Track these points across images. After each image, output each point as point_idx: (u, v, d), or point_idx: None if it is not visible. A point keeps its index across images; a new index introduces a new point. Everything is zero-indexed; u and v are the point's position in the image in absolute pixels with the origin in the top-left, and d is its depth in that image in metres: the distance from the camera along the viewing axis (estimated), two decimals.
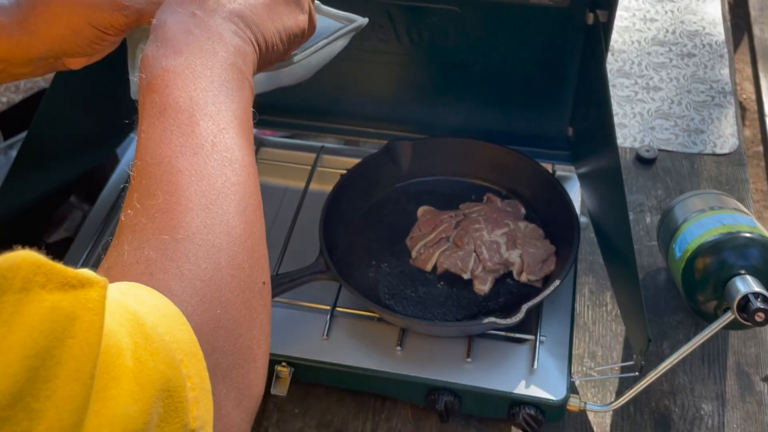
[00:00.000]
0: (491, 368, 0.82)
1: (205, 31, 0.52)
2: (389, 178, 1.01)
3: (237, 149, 0.48)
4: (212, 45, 0.51)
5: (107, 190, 1.05)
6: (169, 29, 0.51)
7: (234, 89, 0.51)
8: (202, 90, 0.49)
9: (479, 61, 0.98)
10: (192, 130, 0.47)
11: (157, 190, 0.44)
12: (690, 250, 0.88)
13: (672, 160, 1.13)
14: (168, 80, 0.48)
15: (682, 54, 1.30)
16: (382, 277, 0.91)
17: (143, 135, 0.47)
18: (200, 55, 0.50)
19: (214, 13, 0.53)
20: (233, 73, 0.51)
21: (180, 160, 0.45)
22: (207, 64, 0.50)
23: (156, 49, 0.51)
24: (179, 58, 0.50)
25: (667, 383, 0.88)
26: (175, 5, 0.54)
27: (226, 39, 0.52)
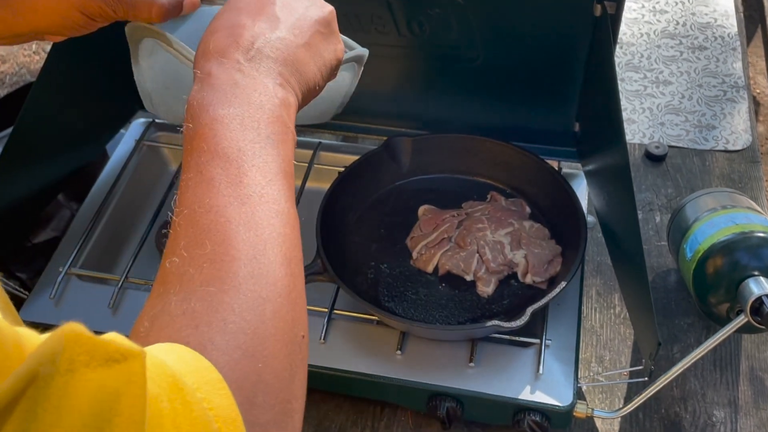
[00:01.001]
0: (495, 373, 0.82)
1: (251, 83, 0.54)
2: (389, 176, 1.01)
3: (283, 200, 0.50)
4: (259, 97, 0.54)
5: (96, 189, 1.05)
6: (216, 79, 0.54)
7: (279, 141, 0.53)
8: (250, 141, 0.51)
9: (482, 54, 0.98)
10: (240, 180, 0.49)
11: (206, 239, 0.46)
12: (701, 250, 0.88)
13: (682, 156, 1.13)
14: (217, 130, 0.51)
15: (693, 47, 1.30)
16: (382, 279, 0.91)
17: (190, 182, 0.49)
18: (248, 107, 0.53)
19: (258, 64, 0.56)
20: (278, 125, 0.54)
21: (229, 210, 0.48)
22: (254, 117, 0.52)
23: (203, 98, 0.53)
24: (228, 109, 0.52)
25: (677, 389, 0.88)
26: (217, 54, 0.55)
27: (271, 91, 0.55)
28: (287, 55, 0.58)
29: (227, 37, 0.56)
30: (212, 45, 0.56)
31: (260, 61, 0.56)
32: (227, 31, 0.57)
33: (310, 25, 0.60)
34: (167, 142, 1.12)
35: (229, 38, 0.56)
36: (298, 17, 0.60)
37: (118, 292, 0.91)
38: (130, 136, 1.12)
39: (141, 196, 1.09)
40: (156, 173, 1.12)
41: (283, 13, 0.59)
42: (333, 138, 1.15)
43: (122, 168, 1.07)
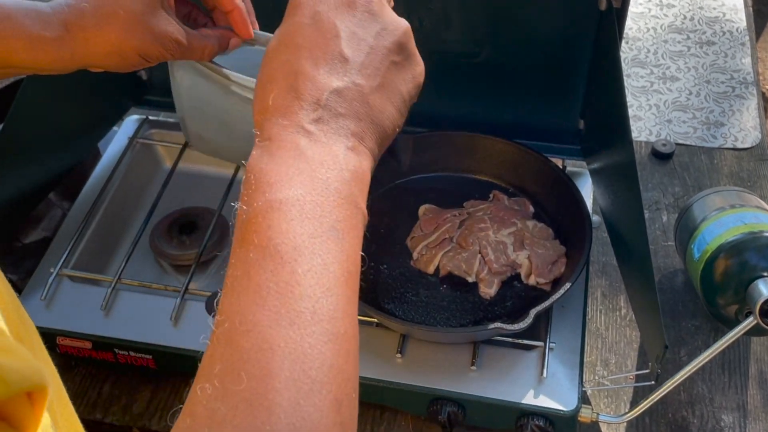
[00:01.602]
0: (497, 377, 0.82)
1: (317, 153, 0.47)
2: (389, 175, 1.01)
3: (340, 318, 0.43)
4: (325, 172, 0.47)
5: (88, 187, 1.05)
6: (277, 146, 0.48)
7: (345, 231, 0.46)
8: (309, 236, 0.44)
9: (485, 49, 0.98)
10: (292, 290, 0.43)
11: (242, 370, 0.40)
12: (709, 250, 0.88)
13: (690, 154, 1.13)
14: (272, 220, 0.44)
15: (701, 42, 1.30)
16: (381, 280, 0.91)
17: (236, 285, 0.43)
18: (311, 187, 0.46)
19: (326, 125, 0.49)
20: (346, 209, 0.47)
21: (274, 332, 0.41)
22: (318, 201, 0.46)
23: (262, 172, 0.47)
24: (287, 191, 0.45)
25: (684, 393, 0.88)
26: (278, 113, 0.49)
27: (342, 161, 0.48)
28: (360, 107, 0.50)
29: (288, 91, 0.50)
30: (272, 100, 0.50)
31: (328, 121, 0.49)
32: (287, 83, 0.50)
33: (383, 57, 0.53)
34: (161, 140, 1.12)
35: (290, 93, 0.49)
36: (369, 51, 0.52)
37: (110, 294, 0.91)
38: (123, 134, 1.12)
39: (134, 195, 1.09)
40: (150, 171, 1.12)
41: (350, 49, 0.51)
42: None
43: (115, 166, 1.07)
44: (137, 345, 0.87)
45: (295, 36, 0.51)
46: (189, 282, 0.92)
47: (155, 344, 0.87)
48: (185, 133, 0.87)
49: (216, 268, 1.01)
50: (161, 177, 1.08)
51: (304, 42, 0.51)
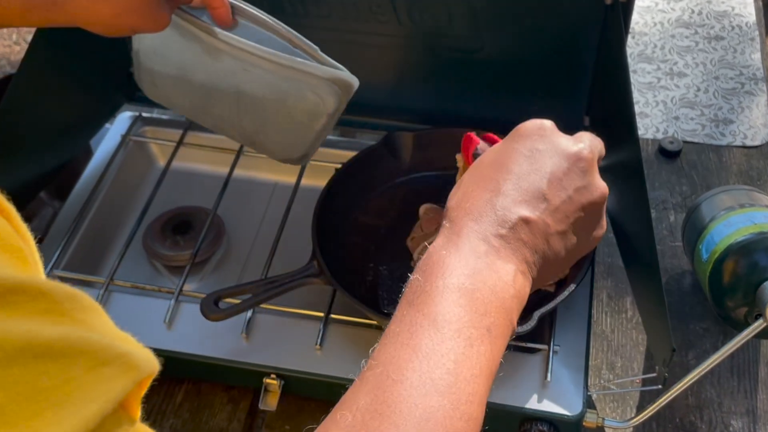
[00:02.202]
0: (500, 381, 0.81)
1: (494, 262, 0.55)
2: (388, 173, 1.01)
3: (477, 404, 0.50)
4: (496, 282, 0.54)
5: (80, 186, 1.05)
6: (463, 242, 0.55)
7: (497, 335, 0.53)
8: (470, 327, 0.51)
9: (487, 44, 0.98)
10: (444, 364, 0.49)
11: (384, 412, 0.46)
12: (718, 251, 0.88)
13: (698, 152, 1.13)
14: (442, 300, 0.51)
15: (710, 37, 1.30)
16: (381, 282, 0.91)
17: (397, 338, 0.50)
18: (482, 287, 0.53)
19: (507, 244, 0.56)
20: (503, 317, 0.54)
21: (419, 393, 0.47)
22: (484, 300, 0.53)
23: (443, 258, 0.54)
24: (463, 281, 0.52)
25: (692, 397, 0.88)
26: (470, 216, 0.57)
27: (511, 278, 0.55)
28: (540, 242, 0.58)
29: (487, 202, 0.57)
30: (470, 203, 0.57)
31: (510, 241, 0.56)
32: (488, 196, 0.57)
33: (576, 210, 0.60)
34: (155, 137, 1.12)
35: (488, 205, 0.57)
36: (566, 200, 0.59)
37: (103, 295, 0.91)
38: (116, 131, 1.12)
39: (127, 194, 1.09)
40: (143, 170, 1.12)
41: (551, 192, 0.59)
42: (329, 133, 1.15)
43: (107, 164, 1.07)
44: None
45: (511, 161, 0.59)
46: (183, 283, 0.92)
47: (148, 347, 0.87)
48: (136, 74, 0.87)
49: (211, 269, 1.01)
50: (155, 175, 1.08)
51: (515, 169, 0.59)
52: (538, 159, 0.59)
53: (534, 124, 0.63)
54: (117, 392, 0.35)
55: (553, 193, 0.59)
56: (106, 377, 0.35)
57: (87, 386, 0.34)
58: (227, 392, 0.90)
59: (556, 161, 0.60)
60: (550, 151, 0.60)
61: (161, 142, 1.11)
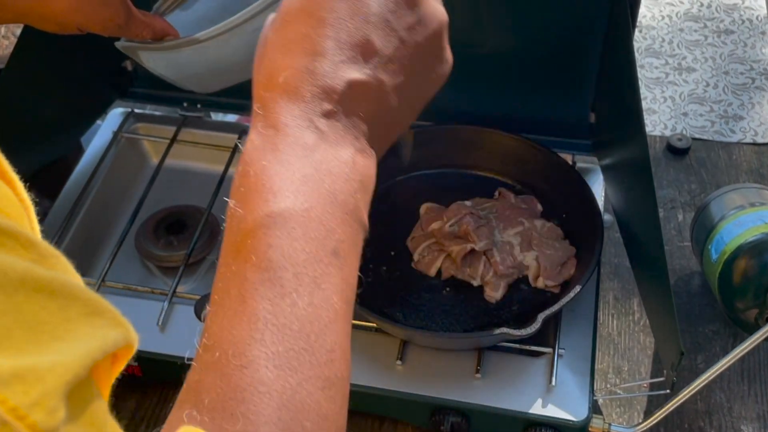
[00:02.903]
0: (503, 385, 0.82)
1: (327, 157, 0.45)
2: (388, 171, 1.01)
3: (337, 360, 0.43)
4: (332, 183, 0.45)
5: (70, 184, 1.05)
6: (282, 139, 0.45)
7: (347, 253, 0.45)
8: (311, 262, 0.43)
9: (490, 39, 0.98)
10: (291, 326, 0.41)
11: (237, 411, 0.40)
12: (728, 251, 0.88)
13: (707, 150, 1.13)
14: (273, 237, 0.42)
15: (719, 30, 1.30)
16: (381, 283, 0.91)
17: (226, 307, 0.43)
18: (316, 199, 0.44)
19: (339, 122, 0.46)
20: (350, 225, 0.45)
21: (270, 375, 0.40)
22: (323, 218, 0.44)
23: (264, 173, 0.44)
24: (291, 201, 0.43)
25: (701, 402, 0.88)
26: (286, 94, 0.46)
27: (349, 169, 0.46)
28: (376, 107, 0.48)
29: (303, 72, 0.46)
30: (283, 78, 0.46)
31: (342, 118, 0.46)
32: (304, 63, 0.46)
33: (411, 54, 0.49)
34: (147, 134, 1.12)
35: (306, 75, 0.46)
36: (397, 46, 0.48)
37: None
38: (108, 128, 1.12)
39: (119, 193, 1.09)
40: (135, 168, 1.12)
41: (379, 38, 0.47)
42: None
43: (99, 162, 1.06)
44: None
45: (322, 7, 0.47)
46: (177, 285, 0.92)
47: (141, 350, 0.86)
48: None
49: (205, 270, 1.01)
50: (147, 174, 1.08)
51: (329, 17, 0.46)
52: (345, 6, 0.47)
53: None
54: (110, 342, 0.35)
55: (382, 40, 0.47)
56: (100, 325, 0.35)
57: (84, 328, 0.34)
58: None
59: (384, 3, 0.48)
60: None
61: (154, 139, 1.11)
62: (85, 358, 0.33)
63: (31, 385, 0.30)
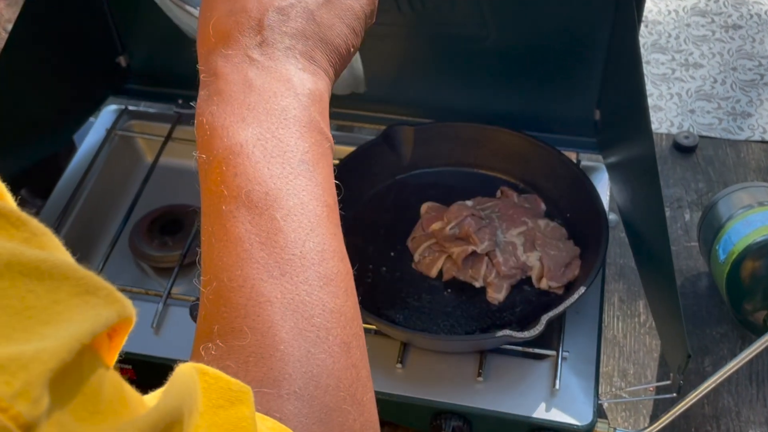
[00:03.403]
0: (506, 389, 0.82)
1: (268, 81, 0.48)
2: (388, 170, 1.01)
3: (330, 258, 0.46)
4: (280, 101, 0.47)
5: (63, 183, 1.05)
6: (224, 82, 0.48)
7: (315, 161, 0.47)
8: (279, 177, 0.45)
9: (492, 33, 0.98)
10: (275, 239, 0.44)
11: (243, 325, 0.42)
12: (736, 252, 0.88)
13: (715, 147, 1.13)
14: (236, 166, 0.45)
15: (727, 25, 1.29)
16: (380, 284, 0.91)
17: (214, 240, 0.45)
18: (268, 121, 0.46)
19: (272, 49, 0.49)
20: (311, 136, 0.47)
21: (266, 285, 0.43)
22: (279, 135, 0.46)
23: (213, 115, 0.47)
24: (245, 130, 0.46)
25: (709, 406, 0.88)
26: (220, 43, 0.49)
27: (296, 84, 0.48)
28: (306, 25, 0.50)
29: (228, 15, 0.49)
30: (212, 28, 0.50)
31: (274, 43, 0.49)
32: (227, 6, 0.50)
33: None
34: (142, 132, 1.12)
35: (231, 17, 0.49)
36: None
37: None
38: (101, 125, 1.12)
39: (112, 192, 1.08)
40: (129, 166, 1.12)
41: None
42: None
43: (92, 160, 1.06)
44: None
45: None
46: (171, 286, 0.92)
47: (135, 354, 0.87)
48: None
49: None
50: (142, 172, 1.08)
51: None
52: None
53: None
54: (102, 321, 0.35)
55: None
56: (92, 305, 0.35)
57: (74, 309, 0.34)
58: None
59: None
60: None
61: (149, 136, 1.11)
62: (72, 342, 0.33)
63: (14, 374, 0.30)
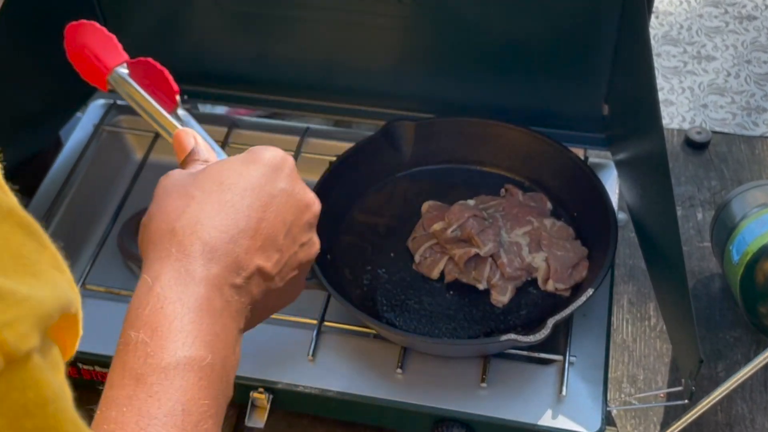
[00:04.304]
0: (511, 395, 0.82)
1: (228, 325, 0.54)
2: (388, 167, 1.01)
3: None
4: (225, 350, 0.53)
5: (49, 181, 1.05)
6: (197, 291, 0.53)
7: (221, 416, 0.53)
8: (207, 416, 0.50)
9: (497, 25, 0.98)
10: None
11: None
12: (750, 252, 0.88)
13: (728, 143, 1.13)
14: (184, 382, 0.49)
15: (741, 16, 1.30)
16: (380, 286, 0.91)
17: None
18: (219, 361, 0.52)
19: (239, 296, 0.55)
20: (225, 396, 0.54)
21: None
22: (221, 376, 0.52)
23: (176, 315, 0.51)
24: (201, 350, 0.51)
25: (722, 413, 0.88)
26: (210, 254, 0.54)
27: (237, 358, 0.55)
28: (262, 298, 0.57)
29: (226, 237, 0.55)
30: (206, 232, 0.55)
31: (243, 294, 0.55)
32: (231, 230, 0.55)
33: (296, 266, 0.60)
34: (131, 127, 1.12)
35: (229, 241, 0.55)
36: (292, 255, 0.59)
37: None
38: (88, 120, 1.12)
39: (101, 190, 1.09)
40: (118, 163, 1.12)
41: (285, 244, 0.58)
42: (323, 122, 1.15)
43: (79, 157, 1.06)
44: (103, 359, 0.87)
45: (255, 193, 0.58)
46: None
47: None
48: None
49: None
50: (131, 169, 1.08)
51: (258, 205, 0.57)
52: (280, 201, 0.58)
53: (278, 155, 0.60)
54: (67, 300, 0.38)
55: (287, 244, 0.58)
56: (61, 280, 0.39)
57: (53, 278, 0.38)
58: None
59: (295, 210, 0.59)
60: (291, 195, 0.59)
61: (138, 132, 1.11)
62: (56, 301, 0.36)
63: (8, 305, 0.33)
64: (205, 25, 1.07)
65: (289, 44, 1.05)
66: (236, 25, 1.06)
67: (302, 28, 1.03)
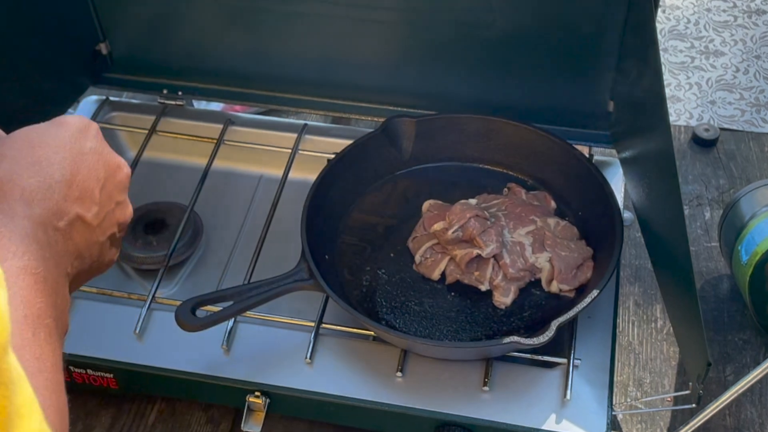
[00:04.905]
0: (514, 399, 0.82)
1: (50, 274, 0.54)
2: (387, 165, 1.01)
3: None
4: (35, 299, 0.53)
5: None
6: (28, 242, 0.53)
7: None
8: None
9: (499, 18, 0.98)
10: None
11: None
12: (759, 252, 0.88)
13: (737, 141, 1.13)
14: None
15: (750, 11, 1.30)
16: (379, 287, 0.91)
17: None
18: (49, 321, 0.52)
19: (70, 247, 0.57)
20: (61, 338, 0.54)
21: None
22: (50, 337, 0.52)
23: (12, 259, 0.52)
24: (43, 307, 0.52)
25: (731, 417, 0.88)
26: (37, 200, 0.56)
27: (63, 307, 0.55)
28: (86, 248, 0.59)
29: (42, 184, 0.57)
30: (22, 179, 0.56)
31: (67, 238, 0.57)
32: (46, 179, 0.57)
33: (113, 224, 0.62)
34: (124, 124, 1.12)
35: (46, 188, 0.56)
36: (109, 211, 0.62)
37: None
38: None
39: None
40: None
41: (102, 198, 0.61)
42: (321, 119, 1.14)
43: None
44: (96, 362, 0.87)
45: (65, 148, 0.59)
46: (156, 289, 0.92)
47: (117, 361, 0.87)
48: None
49: (187, 273, 1.01)
50: None
51: (69, 158, 0.59)
52: (91, 158, 0.61)
53: (84, 120, 0.63)
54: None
55: (103, 200, 0.61)
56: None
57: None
58: (206, 412, 0.90)
59: (107, 168, 0.62)
60: (101, 154, 0.62)
61: (131, 129, 1.11)
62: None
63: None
64: (200, 20, 1.07)
65: (286, 39, 1.05)
66: (232, 20, 1.06)
67: (299, 22, 1.03)
